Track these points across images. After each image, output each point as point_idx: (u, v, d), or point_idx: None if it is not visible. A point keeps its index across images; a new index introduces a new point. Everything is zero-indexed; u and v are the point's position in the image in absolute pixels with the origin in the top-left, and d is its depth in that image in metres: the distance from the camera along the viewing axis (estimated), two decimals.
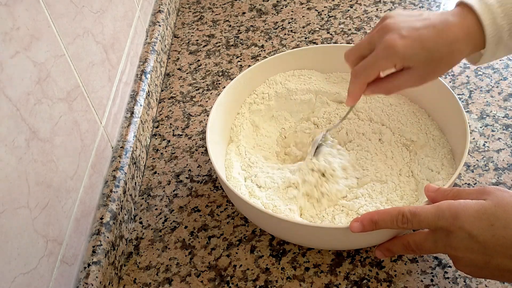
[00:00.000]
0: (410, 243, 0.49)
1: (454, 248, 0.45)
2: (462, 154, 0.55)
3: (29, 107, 0.46)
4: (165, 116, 0.80)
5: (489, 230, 0.43)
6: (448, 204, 0.45)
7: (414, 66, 0.49)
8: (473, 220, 0.43)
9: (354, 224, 0.49)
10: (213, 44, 0.94)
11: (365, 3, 0.98)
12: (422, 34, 0.48)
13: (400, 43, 0.48)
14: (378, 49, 0.50)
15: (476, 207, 0.44)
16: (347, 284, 0.55)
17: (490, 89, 0.75)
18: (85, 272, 0.53)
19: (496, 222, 0.43)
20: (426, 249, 0.48)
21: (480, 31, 0.48)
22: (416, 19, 0.50)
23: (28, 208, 0.44)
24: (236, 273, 0.57)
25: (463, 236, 0.44)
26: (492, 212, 0.43)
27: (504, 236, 0.42)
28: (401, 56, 0.48)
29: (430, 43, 0.48)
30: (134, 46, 0.80)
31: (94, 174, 0.60)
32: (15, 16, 0.45)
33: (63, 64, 0.54)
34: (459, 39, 0.48)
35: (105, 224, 0.57)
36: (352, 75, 0.53)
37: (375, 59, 0.50)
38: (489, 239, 0.43)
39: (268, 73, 0.74)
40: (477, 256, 0.44)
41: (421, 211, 0.46)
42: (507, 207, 0.43)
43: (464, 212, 0.44)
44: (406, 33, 0.48)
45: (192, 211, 0.65)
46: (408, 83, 0.51)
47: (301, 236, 0.55)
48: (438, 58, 0.49)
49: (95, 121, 0.61)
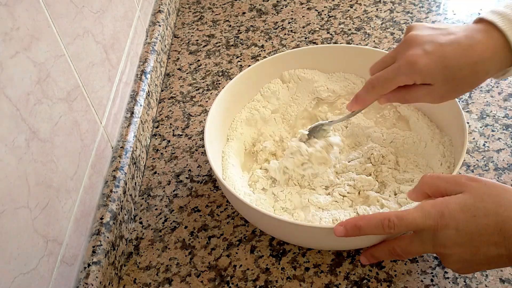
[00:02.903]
0: (395, 249, 0.50)
1: (443, 245, 0.46)
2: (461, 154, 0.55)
3: (29, 107, 0.46)
4: (165, 116, 0.80)
5: (473, 221, 0.44)
6: (431, 204, 0.46)
7: (435, 84, 0.48)
8: (457, 215, 0.44)
9: (338, 228, 0.49)
10: (213, 44, 0.94)
11: (365, 3, 0.98)
12: (446, 51, 0.47)
13: (423, 61, 0.47)
14: (399, 63, 0.49)
15: (457, 201, 0.45)
16: (347, 284, 0.55)
17: (490, 89, 0.75)
18: (85, 272, 0.53)
19: (477, 212, 0.44)
20: (413, 252, 0.49)
21: (507, 49, 0.46)
22: (441, 33, 0.48)
23: (28, 208, 0.44)
24: (236, 273, 0.57)
25: (450, 232, 0.45)
26: (472, 203, 0.44)
27: (486, 224, 0.44)
28: (423, 73, 0.47)
29: (454, 61, 0.47)
30: (134, 46, 0.80)
31: (94, 174, 0.60)
32: (15, 16, 0.45)
33: (63, 64, 0.54)
34: (485, 60, 0.47)
35: (105, 224, 0.57)
36: (369, 84, 0.52)
37: (395, 74, 0.49)
38: (474, 230, 0.44)
39: (269, 73, 0.74)
40: (465, 249, 0.45)
41: (407, 215, 0.46)
42: (483, 197, 0.45)
43: (448, 208, 0.45)
44: (430, 49, 0.47)
45: (192, 211, 0.65)
46: (427, 99, 0.51)
47: (300, 237, 0.55)
48: (460, 78, 0.47)
49: (95, 121, 0.61)
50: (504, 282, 0.53)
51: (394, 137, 0.66)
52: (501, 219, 0.43)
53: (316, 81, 0.73)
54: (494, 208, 0.44)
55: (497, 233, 0.43)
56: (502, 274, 0.54)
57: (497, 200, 0.44)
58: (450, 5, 0.95)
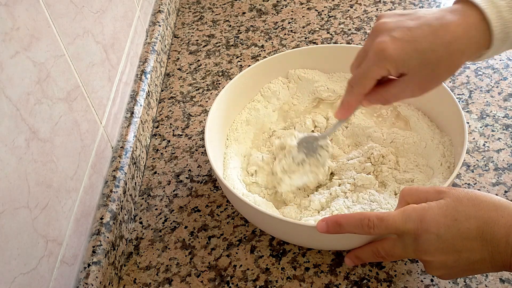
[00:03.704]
0: (379, 250, 0.49)
1: (424, 251, 0.45)
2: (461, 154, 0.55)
3: (29, 107, 0.46)
4: (165, 116, 0.80)
5: (454, 226, 0.43)
6: (413, 207, 0.46)
7: (409, 71, 0.45)
8: (438, 219, 0.44)
9: (320, 223, 0.49)
10: (213, 44, 0.94)
11: (365, 3, 0.98)
12: (415, 34, 0.44)
13: (391, 47, 0.44)
14: (369, 55, 0.46)
15: (439, 205, 0.45)
16: (347, 284, 0.55)
17: (490, 89, 0.75)
18: (85, 272, 0.53)
19: (458, 215, 0.43)
20: (396, 255, 0.48)
21: (484, 28, 0.43)
22: (409, 18, 0.45)
23: (28, 208, 0.44)
24: (236, 273, 0.57)
25: (431, 238, 0.44)
26: (453, 207, 0.44)
27: (468, 227, 0.43)
28: (393, 60, 0.44)
29: (425, 43, 0.44)
30: (134, 46, 0.80)
31: (94, 174, 0.60)
32: (15, 16, 0.45)
33: (63, 64, 0.54)
34: (459, 38, 0.43)
35: (105, 224, 0.57)
36: (348, 85, 0.49)
37: (366, 67, 0.46)
38: (455, 234, 0.43)
39: (269, 73, 0.74)
40: (447, 256, 0.44)
41: (388, 216, 0.46)
42: (463, 200, 0.44)
43: (429, 213, 0.44)
44: (398, 34, 0.44)
45: (192, 211, 0.65)
46: (407, 92, 0.47)
47: (300, 237, 0.55)
48: (435, 61, 0.44)
49: (95, 121, 0.61)
50: (504, 282, 0.53)
51: (394, 137, 0.66)
52: (482, 222, 0.42)
53: (316, 81, 0.73)
54: (474, 212, 0.43)
55: (479, 236, 0.42)
56: (502, 274, 0.54)
57: (476, 203, 0.43)
58: (450, 4, 0.94)
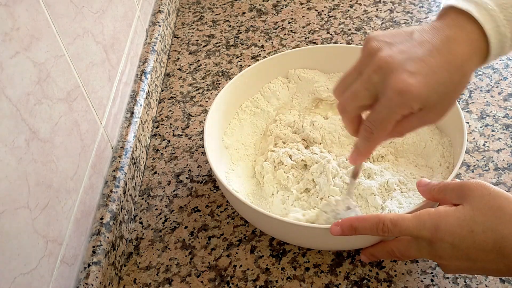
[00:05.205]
0: (394, 251, 0.50)
1: (439, 256, 0.46)
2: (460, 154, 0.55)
3: (29, 107, 0.46)
4: (165, 116, 0.80)
5: (470, 237, 0.43)
6: (428, 214, 0.45)
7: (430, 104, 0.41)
8: (454, 229, 0.43)
9: (334, 227, 0.49)
10: (213, 44, 0.94)
11: (365, 3, 0.98)
12: (431, 65, 0.40)
13: (414, 85, 0.40)
14: (388, 97, 0.41)
15: (456, 214, 0.44)
16: (347, 284, 0.55)
17: (490, 89, 0.75)
18: (85, 273, 0.53)
19: (476, 227, 0.43)
20: (411, 256, 0.49)
21: (483, 41, 0.41)
22: (412, 44, 0.41)
23: (28, 209, 0.44)
24: (236, 273, 0.57)
25: (446, 247, 0.44)
26: (471, 217, 0.43)
27: (484, 241, 0.42)
28: (419, 98, 0.40)
29: (443, 73, 0.40)
30: (134, 46, 0.80)
31: (94, 174, 0.60)
32: (15, 16, 0.45)
33: (63, 64, 0.54)
34: (468, 59, 0.41)
35: (105, 224, 0.57)
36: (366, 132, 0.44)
37: (390, 111, 0.41)
38: (471, 246, 0.43)
39: (269, 73, 0.74)
40: (461, 262, 0.45)
41: (402, 221, 0.46)
42: (483, 210, 0.43)
43: (444, 222, 0.44)
44: (413, 68, 0.40)
45: (192, 211, 0.65)
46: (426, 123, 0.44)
47: (300, 237, 0.55)
48: (453, 88, 0.42)
49: (95, 121, 0.61)
50: (504, 282, 0.53)
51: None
52: (500, 237, 0.42)
53: (316, 81, 0.73)
54: (493, 225, 0.42)
55: (495, 251, 0.42)
56: None
57: (498, 215, 0.42)
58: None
